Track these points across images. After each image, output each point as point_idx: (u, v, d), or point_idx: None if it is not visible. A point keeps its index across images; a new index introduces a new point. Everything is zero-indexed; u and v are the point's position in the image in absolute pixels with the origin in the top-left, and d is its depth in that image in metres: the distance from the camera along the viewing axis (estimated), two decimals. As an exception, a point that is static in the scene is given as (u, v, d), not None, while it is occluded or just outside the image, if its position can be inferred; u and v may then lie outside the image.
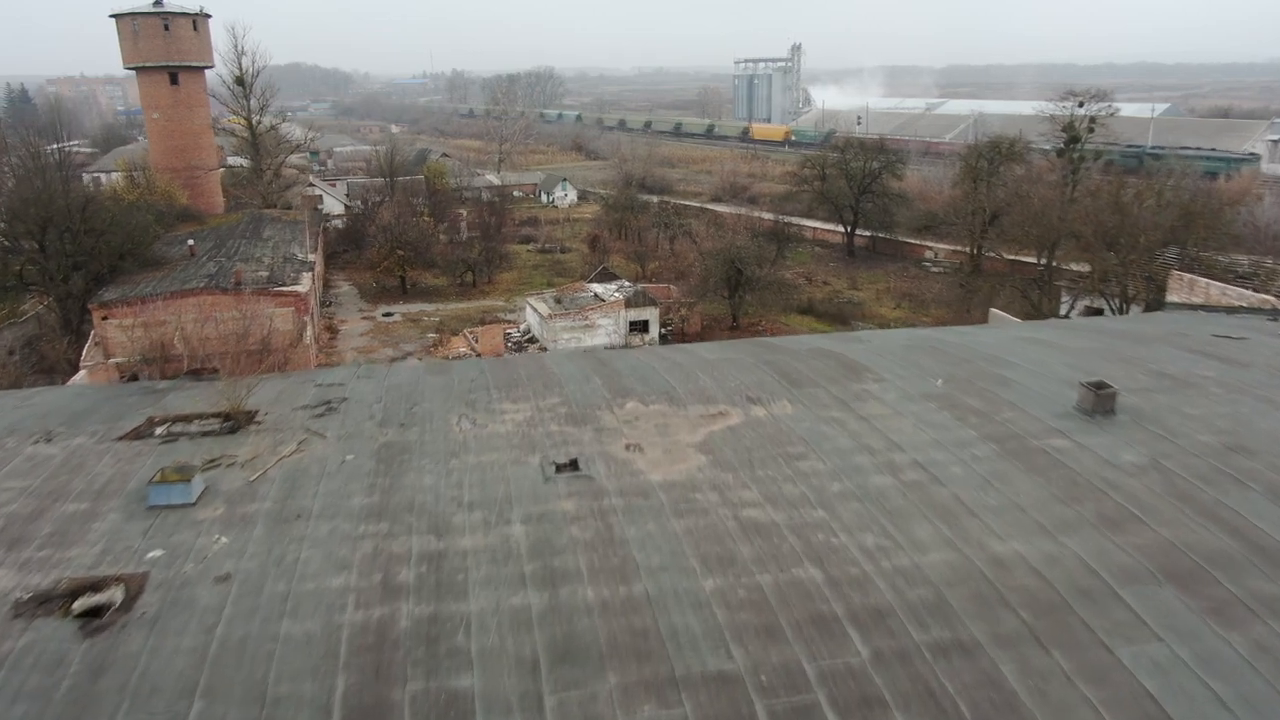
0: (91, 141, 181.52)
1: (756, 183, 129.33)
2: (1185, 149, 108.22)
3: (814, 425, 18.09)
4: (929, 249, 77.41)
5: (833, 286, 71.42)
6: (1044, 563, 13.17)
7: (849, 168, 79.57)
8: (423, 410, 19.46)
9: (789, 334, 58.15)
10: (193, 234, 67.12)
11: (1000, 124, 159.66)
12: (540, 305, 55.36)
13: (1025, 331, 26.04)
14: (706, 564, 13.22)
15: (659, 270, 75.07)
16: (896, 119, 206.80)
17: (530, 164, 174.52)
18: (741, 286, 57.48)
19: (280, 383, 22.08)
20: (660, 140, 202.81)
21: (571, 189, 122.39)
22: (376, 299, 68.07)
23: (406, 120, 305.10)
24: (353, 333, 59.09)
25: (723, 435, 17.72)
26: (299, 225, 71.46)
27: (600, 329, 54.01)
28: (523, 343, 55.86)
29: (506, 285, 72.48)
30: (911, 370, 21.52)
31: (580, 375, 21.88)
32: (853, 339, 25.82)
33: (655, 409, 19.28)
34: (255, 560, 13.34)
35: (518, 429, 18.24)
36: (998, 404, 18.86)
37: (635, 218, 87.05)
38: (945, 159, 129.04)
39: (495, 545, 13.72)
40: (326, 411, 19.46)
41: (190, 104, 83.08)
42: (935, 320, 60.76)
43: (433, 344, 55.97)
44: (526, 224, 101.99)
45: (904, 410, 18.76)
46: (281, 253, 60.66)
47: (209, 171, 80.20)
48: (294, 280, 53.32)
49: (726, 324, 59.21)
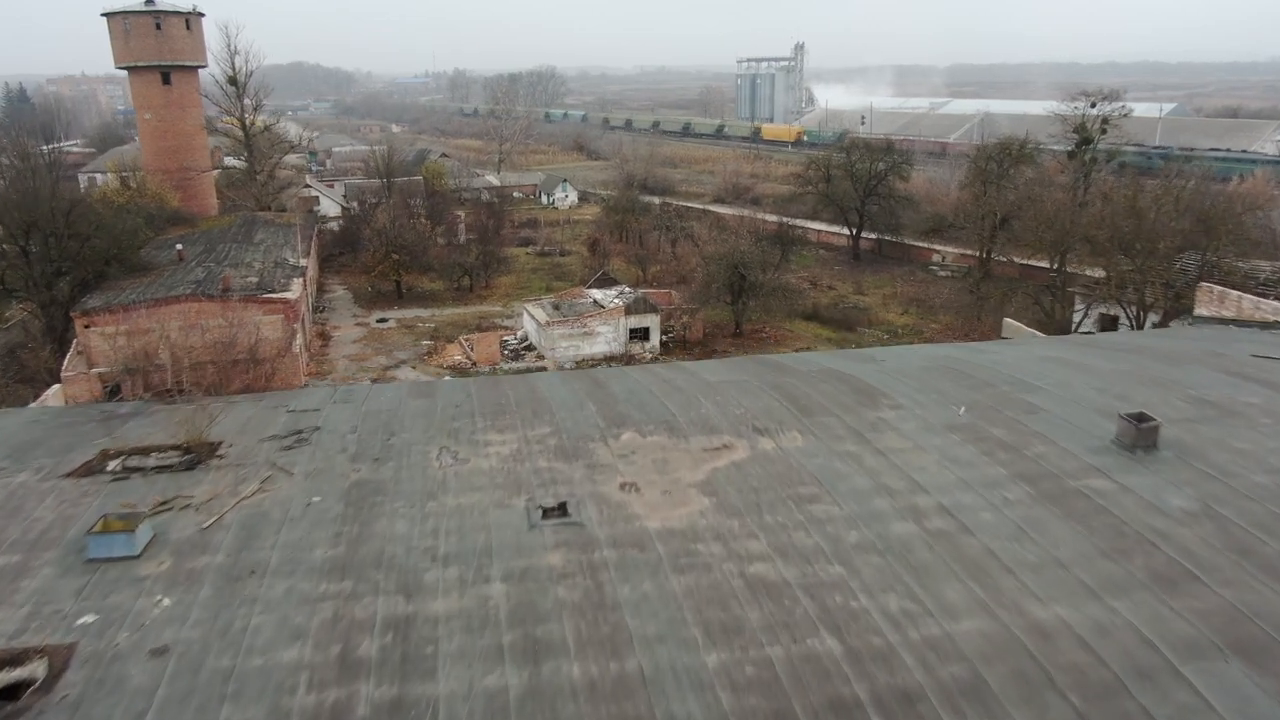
0: (89, 141, 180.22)
1: (760, 184, 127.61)
2: (1214, 150, 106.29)
3: (827, 461, 16.52)
4: (936, 252, 75.75)
5: (838, 291, 69.80)
6: (1093, 633, 11.59)
7: (854, 169, 77.91)
8: (400, 442, 17.91)
9: (794, 340, 56.59)
10: (182, 238, 65.58)
11: (1007, 124, 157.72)
12: (538, 312, 53.79)
13: (1049, 350, 24.45)
14: (709, 633, 11.66)
15: (660, 274, 73.46)
16: (900, 119, 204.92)
17: (531, 164, 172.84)
18: (745, 292, 55.89)
19: (249, 408, 20.54)
20: (665, 140, 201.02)
21: (572, 190, 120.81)
22: (371, 304, 66.54)
23: (407, 120, 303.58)
24: (346, 340, 57.54)
25: (727, 473, 16.15)
26: (292, 229, 69.89)
27: (600, 336, 52.44)
28: (520, 350, 54.30)
29: (504, 290, 70.91)
30: (930, 396, 19.95)
31: (573, 401, 20.32)
32: (865, 358, 24.24)
33: (654, 441, 17.72)
34: (199, 628, 11.79)
35: (502, 464, 16.69)
36: (1027, 436, 17.28)
37: (636, 220, 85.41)
38: (951, 159, 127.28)
39: (471, 609, 12.16)
40: (296, 443, 17.91)
41: (183, 104, 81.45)
42: (944, 327, 59.18)
43: (427, 352, 54.42)
44: (526, 226, 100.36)
45: (925, 444, 17.19)
46: (273, 257, 59.10)
47: (201, 173, 78.64)
48: (284, 286, 51.75)
49: (729, 331, 57.63)
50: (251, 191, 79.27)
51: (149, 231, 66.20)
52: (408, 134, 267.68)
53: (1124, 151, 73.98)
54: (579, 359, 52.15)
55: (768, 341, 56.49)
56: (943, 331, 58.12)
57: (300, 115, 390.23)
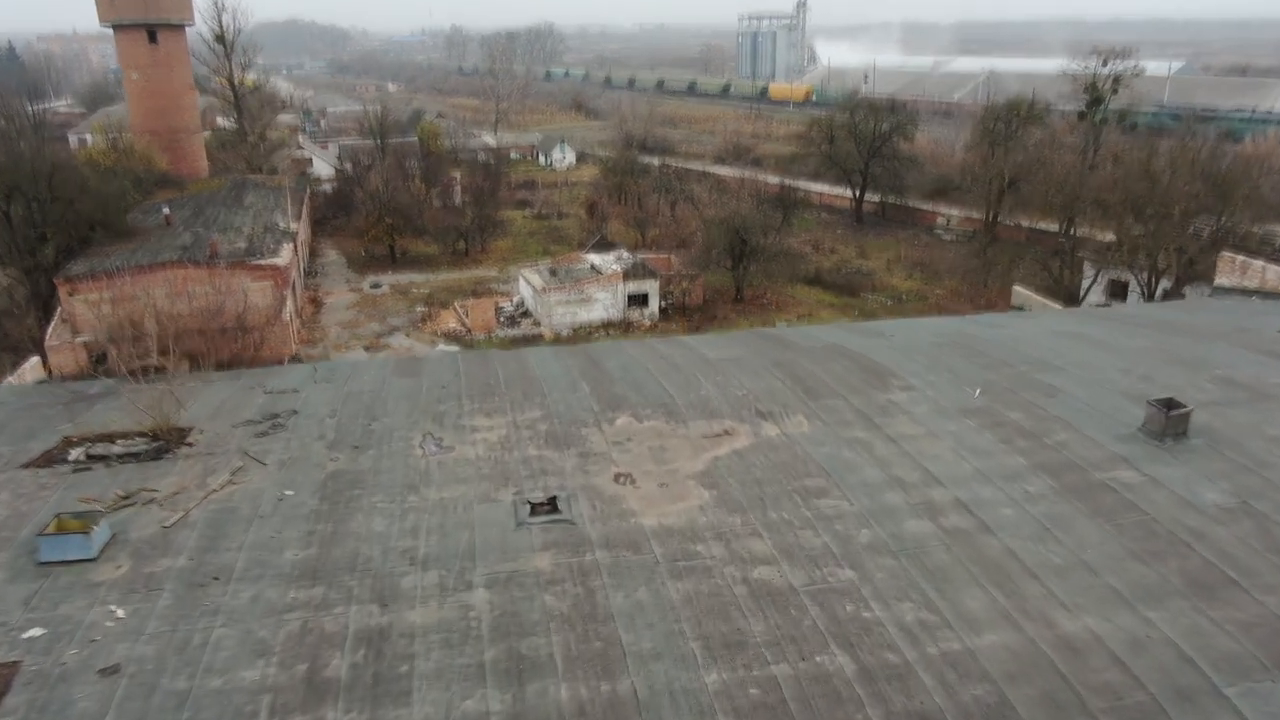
0: (79, 101, 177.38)
1: (761, 144, 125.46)
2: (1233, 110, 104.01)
3: (835, 449, 15.51)
4: (941, 215, 74.25)
5: (840, 255, 68.42)
6: (1127, 648, 10.65)
7: (858, 130, 76.07)
8: (382, 427, 16.90)
9: (795, 306, 55.40)
10: (171, 201, 64.07)
11: (1013, 83, 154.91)
12: (534, 278, 52.53)
13: (1066, 324, 23.33)
14: (710, 649, 10.72)
15: (660, 238, 72.00)
16: (904, 77, 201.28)
17: (529, 123, 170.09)
18: (746, 257, 54.58)
19: (225, 388, 19.50)
20: (665, 99, 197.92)
21: (570, 150, 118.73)
22: (364, 268, 65.19)
23: (403, 78, 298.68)
24: (338, 305, 56.33)
25: (729, 462, 15.16)
26: (283, 191, 68.37)
27: (597, 303, 51.24)
28: (516, 317, 53.11)
29: (500, 254, 69.52)
30: (943, 375, 18.91)
31: (566, 381, 19.28)
32: (873, 333, 23.14)
33: (650, 426, 16.71)
34: (154, 643, 10.84)
35: (490, 453, 15.68)
36: (1047, 422, 16.25)
37: (635, 182, 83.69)
38: (956, 119, 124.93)
39: (451, 620, 11.21)
40: (271, 428, 16.89)
41: (170, 63, 79.36)
42: (949, 292, 57.96)
43: (421, 319, 53.24)
44: (523, 187, 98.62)
45: (939, 430, 16.17)
46: (263, 222, 57.71)
47: (191, 134, 76.85)
48: (273, 252, 50.46)
49: (730, 296, 56.41)
50: (242, 153, 77.46)
51: (136, 195, 64.75)
52: (404, 93, 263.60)
53: (1138, 112, 72.11)
54: (576, 326, 51.02)
55: (769, 307, 55.31)
56: (948, 297, 56.93)
57: (295, 74, 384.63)
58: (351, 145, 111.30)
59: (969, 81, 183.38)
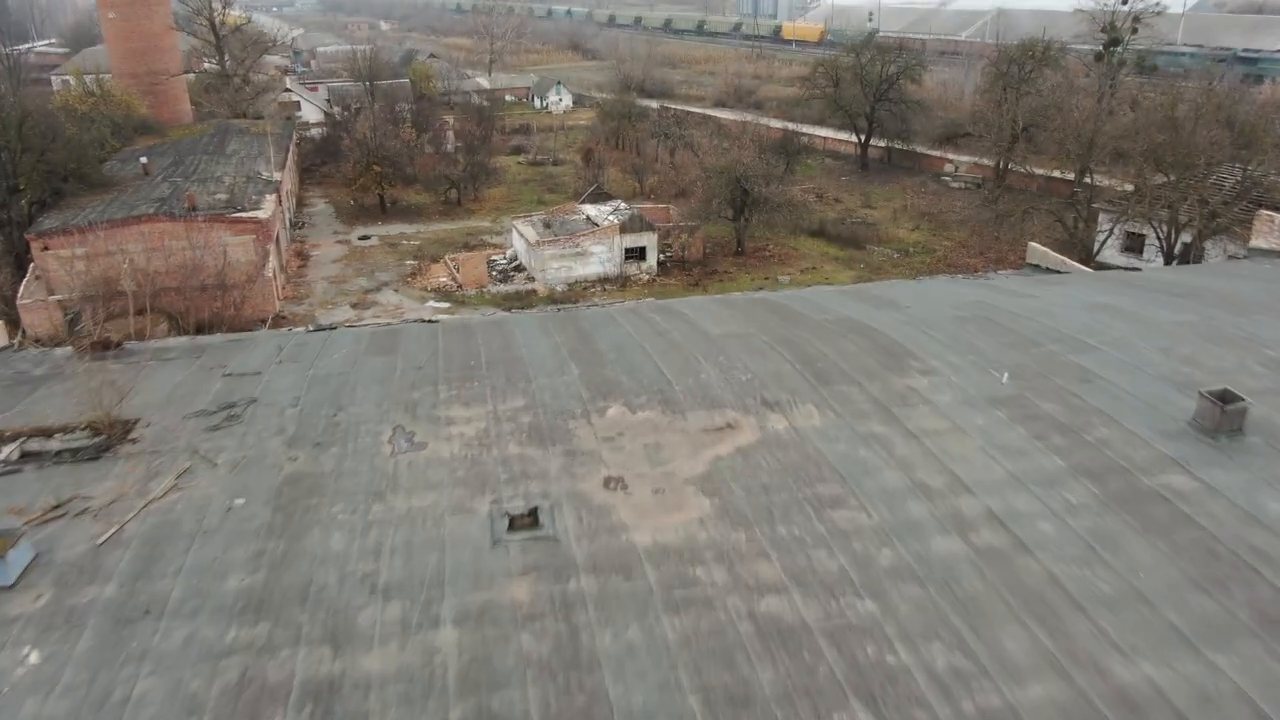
0: (63, 41, 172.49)
1: (763, 85, 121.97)
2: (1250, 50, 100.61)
3: (850, 448, 13.94)
4: (949, 162, 71.84)
5: (845, 204, 66.25)
6: (1194, 704, 9.19)
7: (864, 72, 73.16)
8: (349, 418, 15.30)
9: (798, 260, 53.48)
10: (150, 149, 61.73)
11: (1024, 21, 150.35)
12: (528, 230, 50.54)
13: (1095, 294, 21.61)
14: (710, 704, 9.27)
15: (658, 186, 69.71)
16: (909, 15, 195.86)
17: (525, 64, 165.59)
18: (747, 208, 52.52)
19: (181, 369, 17.88)
20: (668, 40, 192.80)
21: (566, 93, 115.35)
22: (354, 219, 63.09)
23: (397, 16, 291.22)
24: (325, 259, 54.40)
25: (732, 464, 13.59)
26: (267, 138, 65.86)
27: (593, 257, 49.35)
28: (509, 271, 51.24)
29: (494, 203, 67.32)
30: (965, 355, 17.27)
31: (553, 360, 17.65)
32: (886, 302, 21.43)
33: (645, 418, 15.12)
34: (69, 698, 9.38)
35: (466, 451, 14.11)
36: (1085, 414, 14.66)
37: (633, 126, 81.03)
38: (963, 59, 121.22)
39: (413, 668, 9.74)
40: (226, 420, 15.30)
41: (149, 2, 76.25)
42: (958, 244, 56.00)
43: (411, 273, 51.37)
44: (517, 132, 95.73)
45: (965, 423, 14.58)
46: (245, 171, 55.49)
47: (172, 77, 73.98)
48: (255, 204, 48.40)
49: (731, 249, 54.46)
50: (225, 97, 74.68)
51: (114, 142, 62.43)
52: (397, 31, 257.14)
53: (1157, 52, 69.17)
54: (571, 281, 49.21)
55: (771, 260, 53.43)
56: (956, 249, 54.99)
57: (285, 11, 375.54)
58: (341, 88, 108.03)
59: (977, 19, 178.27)
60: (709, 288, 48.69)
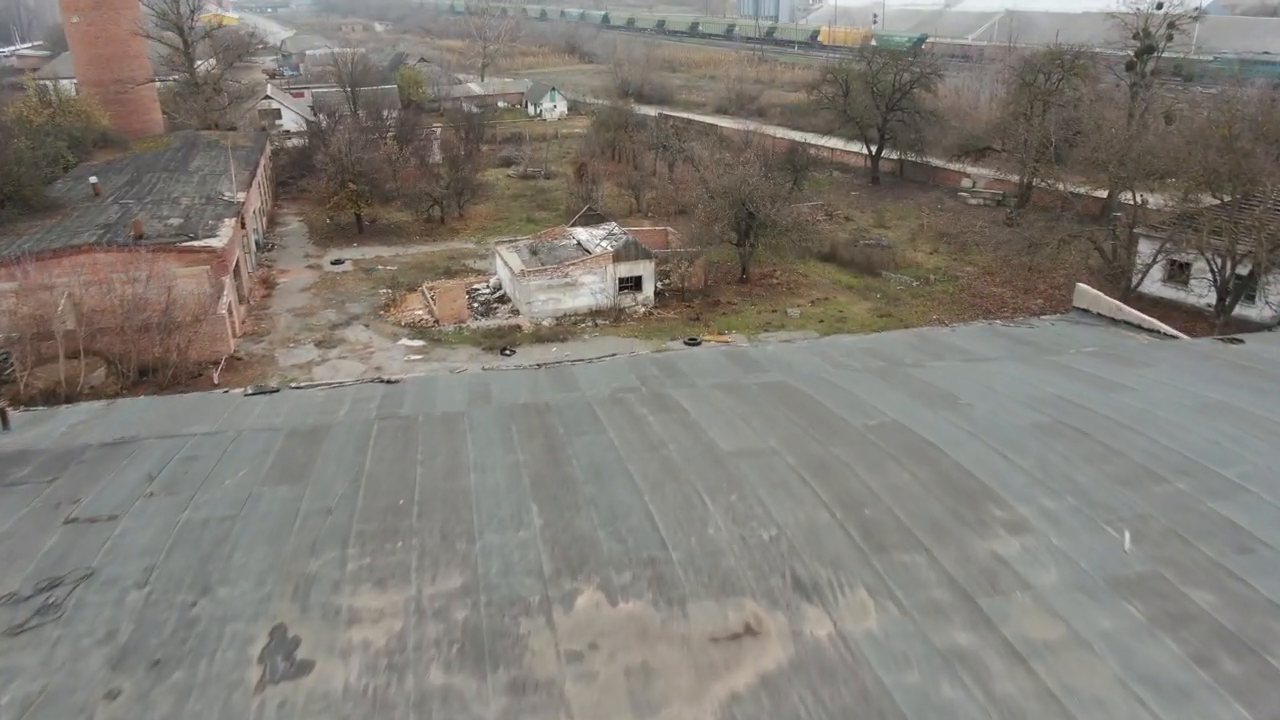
0: (46, 44, 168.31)
1: (766, 90, 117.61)
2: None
3: (928, 680, 9.46)
4: (966, 176, 67.42)
5: (856, 223, 61.84)
6: None
7: (876, 81, 68.75)
8: (211, 612, 10.80)
9: (808, 289, 49.04)
10: (109, 165, 57.48)
11: (1039, 23, 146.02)
12: (512, 258, 46.16)
13: (1204, 385, 17.16)
14: None
15: (656, 202, 65.36)
16: (914, 17, 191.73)
17: (520, 67, 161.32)
18: (753, 231, 48.13)
19: (12, 508, 13.42)
20: (666, 42, 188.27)
21: (561, 99, 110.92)
22: (328, 240, 58.67)
23: (392, 18, 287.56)
24: (293, 287, 49.97)
25: (754, 710, 9.15)
26: (236, 152, 61.50)
27: (584, 287, 44.97)
28: (492, 302, 46.83)
29: (480, 221, 62.92)
30: (1062, 495, 12.78)
31: (509, 498, 13.14)
32: (942, 398, 16.98)
33: (629, 612, 10.64)
34: None
35: (366, 679, 9.63)
36: (1259, 614, 10.21)
37: (629, 137, 76.65)
38: (975, 64, 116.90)
39: None
40: (38, 615, 10.83)
41: (115, 5, 72.01)
42: (982, 270, 51.57)
43: (385, 304, 46.96)
44: (508, 142, 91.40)
45: (1086, 628, 10.09)
46: (206, 190, 51.10)
47: (139, 85, 69.59)
48: (212, 230, 44.01)
49: (734, 276, 50.06)
50: (194, 107, 70.27)
51: (70, 157, 58.09)
52: (392, 33, 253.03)
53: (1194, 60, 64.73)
54: (560, 314, 44.78)
55: (779, 289, 49.01)
56: (981, 277, 50.55)
57: (280, 12, 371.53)
58: (327, 94, 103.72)
59: (985, 21, 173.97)
60: (710, 322, 44.29)
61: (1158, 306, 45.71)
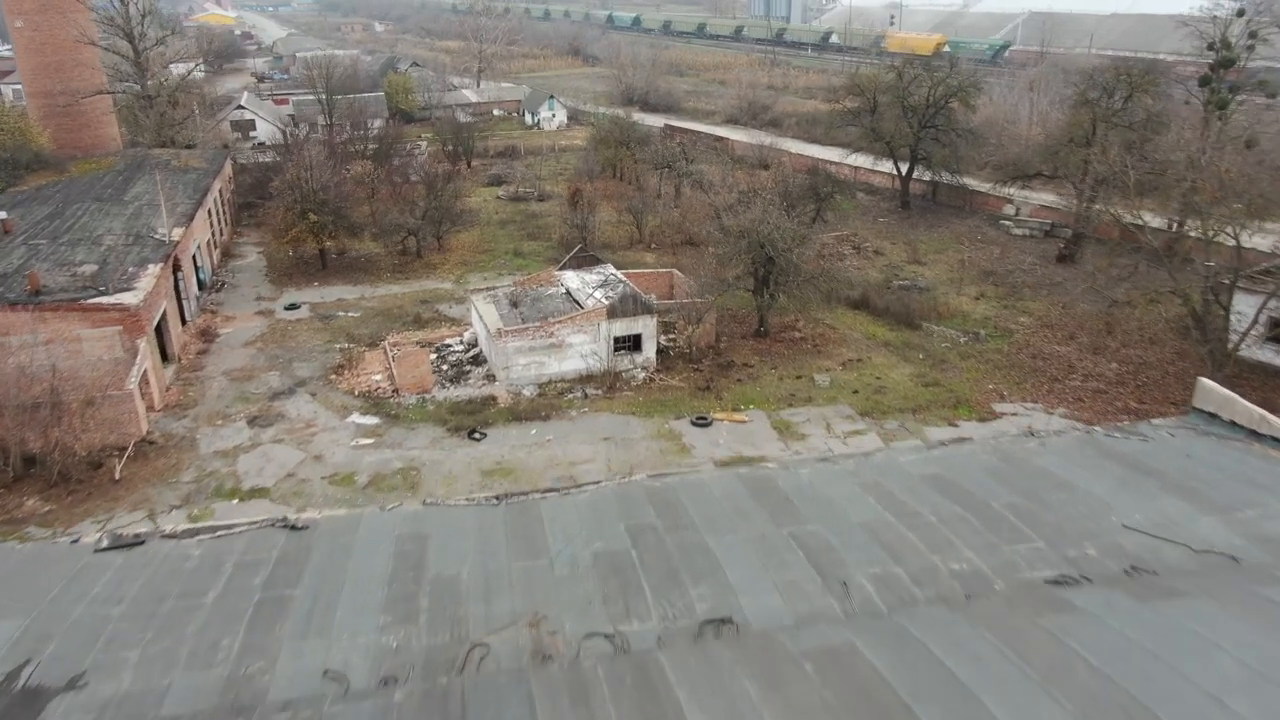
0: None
1: (779, 97, 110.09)
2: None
3: None
4: (1009, 202, 59.97)
5: (888, 258, 54.47)
6: None
7: (907, 95, 61.30)
8: None
9: (838, 347, 41.73)
10: (38, 191, 50.42)
11: (1066, 26, 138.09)
12: (489, 311, 39.04)
13: None
14: None
15: (660, 232, 58.13)
16: (932, 18, 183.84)
17: (520, 70, 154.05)
18: (772, 278, 40.90)
19: None
20: (668, 43, 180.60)
21: (560, 108, 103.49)
22: (286, 277, 51.54)
23: (393, 17, 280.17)
24: (236, 340, 42.84)
25: None
26: (187, 175, 54.44)
27: (572, 349, 37.84)
28: (465, 363, 39.64)
29: (461, 254, 55.71)
30: None
31: None
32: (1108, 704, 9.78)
33: None
34: None
35: None
36: None
37: (632, 155, 69.36)
38: (1006, 71, 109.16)
39: None
40: None
41: (63, 8, 64.81)
42: (1039, 323, 44.18)
43: (340, 363, 39.85)
44: (501, 156, 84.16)
45: None
46: (137, 226, 44.00)
47: (84, 98, 62.49)
48: (129, 281, 36.90)
49: (750, 327, 42.81)
50: (147, 123, 63.19)
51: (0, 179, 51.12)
52: (391, 33, 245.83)
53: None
54: (543, 381, 37.60)
55: (803, 346, 41.70)
56: (1038, 331, 43.14)
57: (281, 11, 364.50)
58: (309, 102, 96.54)
59: (1007, 22, 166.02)
60: (724, 391, 37.04)
61: (1256, 373, 38.36)
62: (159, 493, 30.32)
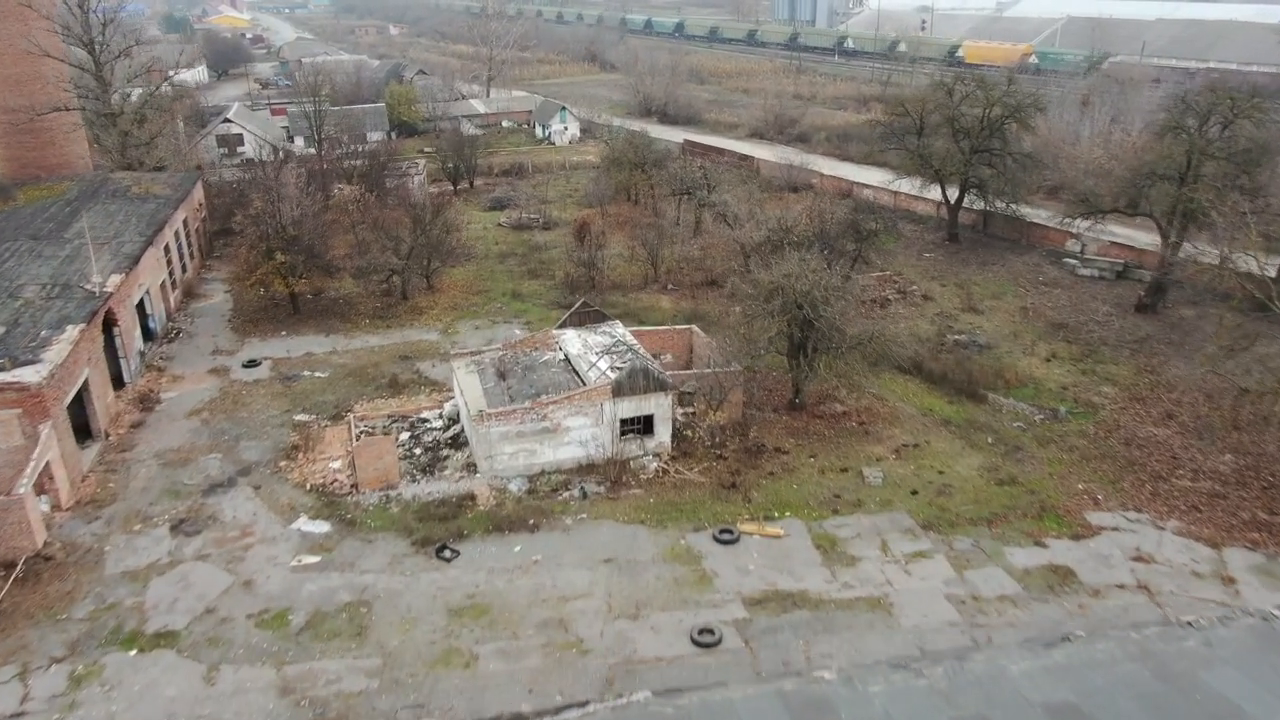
0: None
1: (807, 108, 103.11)
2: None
3: None
4: (1073, 236, 52.88)
5: (938, 304, 47.60)
6: None
7: (958, 116, 54.35)
8: None
9: (887, 424, 34.93)
10: (-30, 226, 44.39)
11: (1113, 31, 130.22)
12: (471, 384, 32.65)
13: None
14: None
15: (678, 269, 51.55)
16: (965, 23, 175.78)
17: (535, 76, 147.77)
18: (810, 342, 34.28)
19: None
20: (688, 49, 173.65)
21: (573, 120, 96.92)
22: (252, 324, 45.31)
23: (409, 20, 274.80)
24: (179, 408, 36.62)
25: None
26: (145, 204, 48.29)
27: (570, 433, 31.42)
28: (443, 445, 33.20)
29: (453, 294, 49.28)
30: None
31: None
32: None
33: None
34: None
35: None
36: None
37: (647, 179, 62.78)
38: (1043, 79, 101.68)
39: None
40: None
41: (23, 16, 58.86)
42: (1127, 395, 37.20)
43: (295, 443, 33.53)
44: (507, 174, 77.77)
45: None
46: (70, 272, 37.85)
47: (40, 115, 56.51)
48: (39, 348, 30.69)
49: (783, 399, 36.16)
50: (109, 143, 57.20)
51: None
52: (405, 36, 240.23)
53: None
54: (534, 473, 31.09)
55: (847, 425, 34.94)
56: (1128, 406, 36.13)
57: (297, 13, 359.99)
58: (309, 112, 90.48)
59: (1045, 28, 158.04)
60: (752, 490, 30.36)
61: None
62: (41, 636, 23.95)
